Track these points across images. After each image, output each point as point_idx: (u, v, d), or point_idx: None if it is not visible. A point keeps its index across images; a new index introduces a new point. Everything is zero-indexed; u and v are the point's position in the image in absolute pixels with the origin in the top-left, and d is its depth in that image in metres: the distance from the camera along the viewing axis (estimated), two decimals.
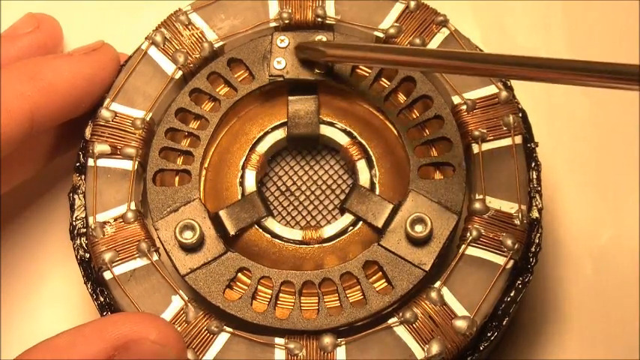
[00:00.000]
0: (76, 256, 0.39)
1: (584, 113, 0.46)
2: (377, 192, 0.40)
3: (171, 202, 0.39)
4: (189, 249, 0.38)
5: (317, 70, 0.41)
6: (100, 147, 0.40)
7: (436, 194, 0.39)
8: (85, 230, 0.39)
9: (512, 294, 0.38)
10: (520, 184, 0.39)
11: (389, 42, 0.42)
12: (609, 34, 0.47)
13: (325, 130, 0.42)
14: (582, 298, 0.43)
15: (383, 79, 0.42)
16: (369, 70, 0.42)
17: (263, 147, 0.42)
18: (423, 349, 0.37)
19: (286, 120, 0.42)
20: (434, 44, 0.41)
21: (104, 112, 0.41)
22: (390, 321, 0.37)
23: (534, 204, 0.39)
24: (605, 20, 0.47)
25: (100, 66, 0.41)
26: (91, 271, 0.39)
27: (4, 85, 0.38)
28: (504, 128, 0.40)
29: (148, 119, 0.41)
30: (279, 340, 0.37)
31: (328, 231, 0.40)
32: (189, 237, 0.38)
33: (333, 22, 0.42)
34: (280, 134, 0.42)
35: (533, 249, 0.39)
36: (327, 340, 0.37)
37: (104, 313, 0.38)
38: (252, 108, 0.43)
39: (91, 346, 0.32)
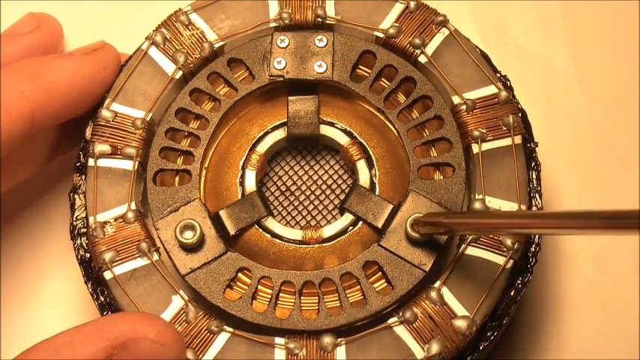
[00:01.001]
0: (77, 256, 0.39)
1: (584, 113, 0.46)
2: (377, 192, 0.40)
3: (171, 202, 0.39)
4: (190, 249, 0.38)
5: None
6: (101, 147, 0.40)
7: (436, 195, 0.39)
8: (85, 230, 0.39)
9: (511, 294, 0.38)
10: (520, 184, 0.39)
11: (389, 42, 0.42)
12: (608, 34, 0.47)
13: (325, 130, 0.42)
14: (582, 298, 0.43)
15: (383, 79, 0.42)
16: (369, 70, 0.42)
17: (263, 147, 0.42)
18: (423, 349, 0.37)
19: (286, 120, 0.42)
20: (434, 44, 0.41)
21: (104, 112, 0.41)
22: (390, 321, 0.37)
23: (534, 204, 0.39)
24: (604, 20, 0.47)
25: (100, 66, 0.41)
26: (92, 270, 0.39)
27: (5, 85, 0.38)
28: (504, 128, 0.40)
29: (148, 119, 0.41)
30: (279, 340, 0.37)
31: (328, 231, 0.40)
32: (189, 237, 0.38)
33: (333, 22, 0.42)
34: (280, 134, 0.42)
35: (533, 249, 0.39)
36: (327, 340, 0.37)
37: (104, 313, 0.38)
38: (252, 108, 0.43)
39: (90, 345, 0.33)
